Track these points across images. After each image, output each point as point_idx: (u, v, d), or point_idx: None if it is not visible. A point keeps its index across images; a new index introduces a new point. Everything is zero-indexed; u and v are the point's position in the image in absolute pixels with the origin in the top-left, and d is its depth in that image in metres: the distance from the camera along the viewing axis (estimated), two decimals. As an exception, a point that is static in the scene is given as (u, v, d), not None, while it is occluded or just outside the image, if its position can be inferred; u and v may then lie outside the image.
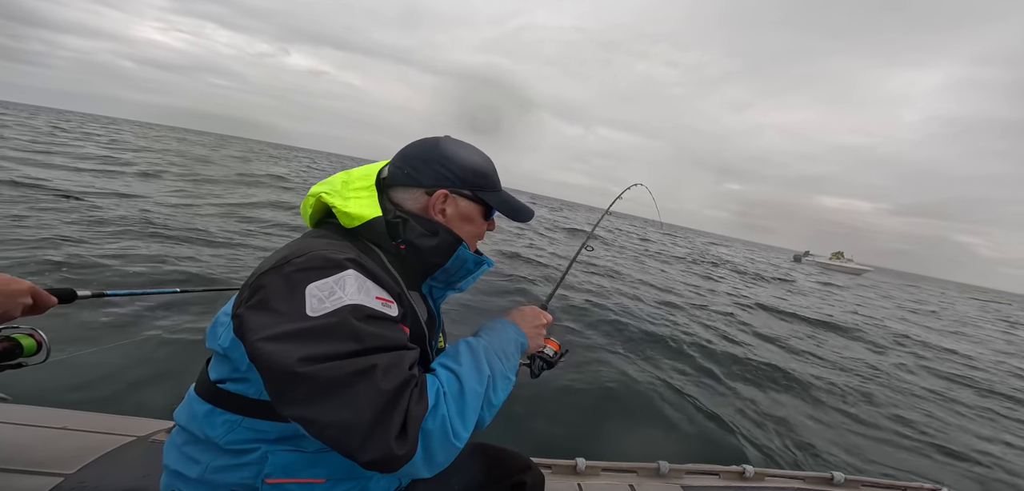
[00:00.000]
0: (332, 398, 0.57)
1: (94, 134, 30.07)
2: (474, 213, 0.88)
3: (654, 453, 1.90)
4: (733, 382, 4.41)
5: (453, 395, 0.66)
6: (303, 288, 0.62)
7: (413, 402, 0.61)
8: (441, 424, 0.62)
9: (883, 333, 9.27)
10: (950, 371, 6.95)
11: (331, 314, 0.60)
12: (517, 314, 0.97)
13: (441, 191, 0.84)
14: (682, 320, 6.63)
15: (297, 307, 0.61)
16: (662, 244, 24.15)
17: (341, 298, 0.62)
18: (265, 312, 0.62)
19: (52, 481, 1.18)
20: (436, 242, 0.83)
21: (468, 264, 0.89)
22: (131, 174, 12.40)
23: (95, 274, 4.49)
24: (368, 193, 0.82)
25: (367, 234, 0.80)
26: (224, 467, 0.69)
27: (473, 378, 0.70)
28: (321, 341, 0.59)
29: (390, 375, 0.60)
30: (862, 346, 7.78)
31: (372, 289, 0.67)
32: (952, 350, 8.91)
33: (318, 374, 0.57)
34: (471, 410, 0.67)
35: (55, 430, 1.44)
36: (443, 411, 0.63)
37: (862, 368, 6.14)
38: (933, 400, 5.32)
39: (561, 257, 10.87)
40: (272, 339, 0.59)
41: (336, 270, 0.65)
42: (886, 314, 13.26)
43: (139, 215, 7.14)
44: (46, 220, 6.03)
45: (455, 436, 0.63)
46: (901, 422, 4.37)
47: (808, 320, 9.16)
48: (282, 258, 0.67)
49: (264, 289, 0.63)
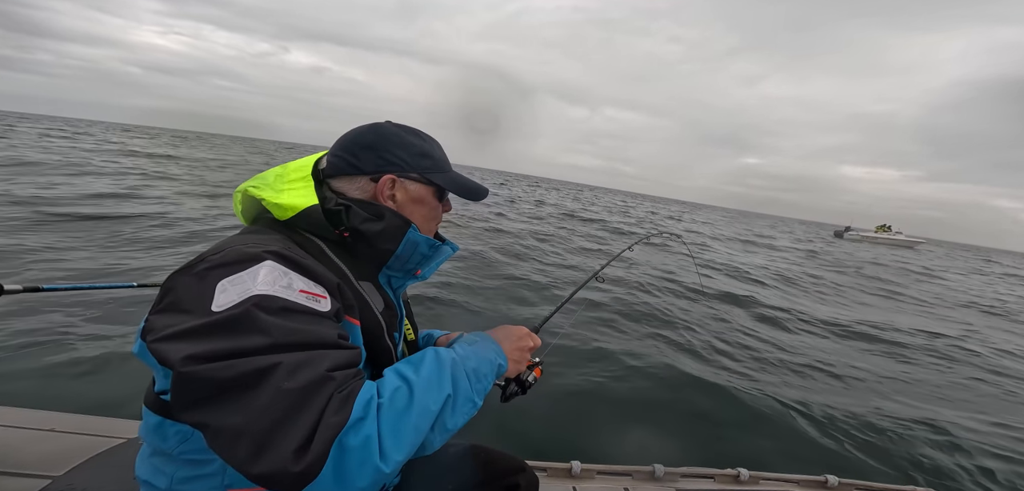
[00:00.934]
0: (225, 401, 0.51)
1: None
2: (425, 195, 0.86)
3: (649, 456, 1.89)
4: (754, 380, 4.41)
5: (394, 410, 0.57)
6: (214, 284, 0.57)
7: (331, 410, 0.52)
8: (364, 442, 0.52)
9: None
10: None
11: (234, 307, 0.54)
12: (502, 332, 0.90)
13: (387, 177, 0.81)
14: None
15: (202, 304, 0.55)
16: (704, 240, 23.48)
17: (248, 289, 0.56)
18: (167, 313, 0.57)
19: (40, 483, 1.17)
20: (382, 227, 0.79)
21: (421, 247, 0.85)
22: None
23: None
24: (304, 183, 0.78)
25: (304, 224, 0.75)
26: (187, 478, 0.65)
27: (428, 394, 0.62)
28: (217, 337, 0.53)
29: (297, 375, 0.52)
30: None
31: (296, 281, 0.61)
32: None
33: (204, 374, 0.50)
34: (413, 430, 0.58)
35: (43, 432, 1.42)
36: (370, 428, 0.53)
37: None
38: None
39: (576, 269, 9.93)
40: (165, 338, 0.54)
41: (251, 263, 0.59)
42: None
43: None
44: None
45: (383, 458, 0.53)
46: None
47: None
48: (198, 258, 0.62)
49: (172, 291, 0.59)
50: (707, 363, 4.33)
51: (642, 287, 5.77)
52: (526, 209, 18.78)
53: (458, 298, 5.39)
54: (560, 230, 13.78)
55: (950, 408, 4.16)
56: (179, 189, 10.78)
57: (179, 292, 0.58)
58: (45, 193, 7.93)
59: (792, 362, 4.72)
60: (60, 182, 9.35)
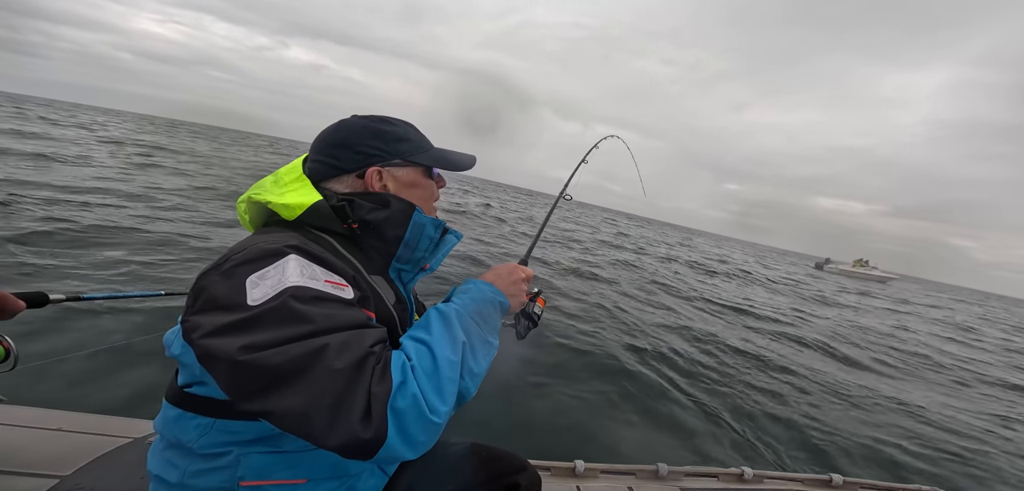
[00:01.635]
0: (284, 385, 0.54)
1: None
2: (416, 177, 0.86)
3: (653, 455, 1.89)
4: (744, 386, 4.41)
5: (424, 369, 0.62)
6: (242, 280, 0.59)
7: (375, 381, 0.57)
8: (412, 401, 0.57)
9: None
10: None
11: (271, 299, 0.57)
12: (491, 273, 0.91)
13: (372, 169, 0.81)
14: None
15: (237, 299, 0.58)
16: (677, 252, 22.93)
17: (281, 282, 0.59)
18: (206, 311, 0.59)
19: (48, 483, 1.18)
20: (388, 213, 0.80)
21: (428, 229, 0.85)
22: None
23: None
24: (300, 182, 0.79)
25: (313, 221, 0.77)
26: (200, 471, 0.67)
27: (446, 347, 0.66)
28: (263, 328, 0.56)
29: (344, 354, 0.56)
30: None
31: (319, 273, 0.64)
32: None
33: (262, 361, 0.54)
34: (448, 381, 0.63)
35: (51, 432, 1.43)
36: (413, 388, 0.58)
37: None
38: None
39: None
40: (212, 334, 0.57)
41: (276, 258, 0.62)
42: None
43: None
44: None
45: (433, 411, 0.59)
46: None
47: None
48: (223, 257, 0.65)
49: (205, 290, 0.61)
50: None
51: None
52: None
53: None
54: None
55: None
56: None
57: (212, 291, 0.60)
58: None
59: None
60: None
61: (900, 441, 3.98)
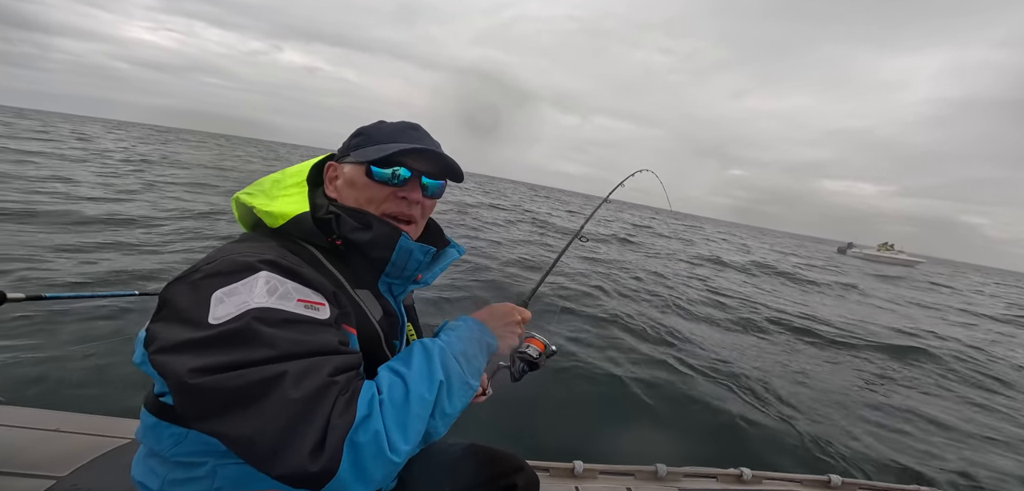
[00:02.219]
0: (234, 410, 0.52)
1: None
2: (355, 176, 0.79)
3: (652, 456, 1.89)
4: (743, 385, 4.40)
5: (394, 403, 0.60)
6: (208, 295, 0.57)
7: (337, 413, 0.54)
8: (373, 437, 0.55)
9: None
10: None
11: (234, 319, 0.55)
12: (486, 312, 0.90)
13: (330, 163, 0.82)
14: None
15: (199, 315, 0.56)
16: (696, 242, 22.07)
17: (247, 302, 0.57)
18: (167, 323, 0.58)
19: (45, 483, 1.17)
20: (371, 236, 0.76)
21: (416, 254, 0.80)
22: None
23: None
24: (298, 189, 0.78)
25: (296, 231, 0.74)
26: (178, 481, 0.66)
27: (422, 384, 0.64)
28: (220, 350, 0.54)
29: (302, 383, 0.54)
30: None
31: (292, 291, 0.61)
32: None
33: (212, 386, 0.52)
34: (416, 419, 0.61)
35: (48, 432, 1.43)
36: (377, 424, 0.56)
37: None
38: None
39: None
40: (166, 350, 0.55)
41: (246, 273, 0.59)
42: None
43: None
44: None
45: (393, 450, 0.56)
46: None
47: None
48: (193, 266, 0.62)
49: (169, 300, 0.59)
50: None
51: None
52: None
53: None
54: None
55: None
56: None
57: (176, 302, 0.59)
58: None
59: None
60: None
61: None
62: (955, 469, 3.37)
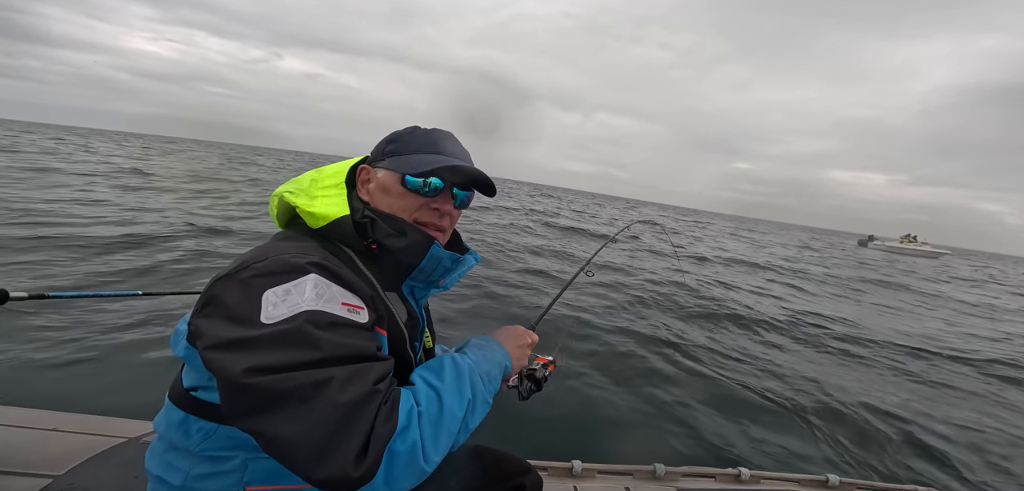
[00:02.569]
0: (281, 411, 0.53)
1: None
2: (389, 183, 0.80)
3: (650, 456, 1.89)
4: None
5: (430, 417, 0.62)
6: (259, 294, 0.58)
7: (380, 421, 0.56)
8: (411, 448, 0.57)
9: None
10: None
11: (286, 320, 0.56)
12: (502, 333, 0.94)
13: (363, 166, 0.83)
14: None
15: (251, 314, 0.57)
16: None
17: (298, 304, 0.58)
18: (217, 320, 0.58)
19: (41, 482, 1.17)
20: (406, 243, 0.78)
21: (444, 262, 0.84)
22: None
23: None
24: (337, 191, 0.79)
25: (335, 234, 0.77)
26: (205, 475, 0.66)
27: (454, 400, 0.66)
28: (273, 350, 0.55)
29: (349, 388, 0.55)
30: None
31: (337, 294, 0.63)
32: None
33: (265, 386, 0.53)
34: (446, 434, 0.63)
35: (45, 431, 1.42)
36: (415, 435, 0.58)
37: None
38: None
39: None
40: (221, 347, 0.56)
41: (296, 275, 0.61)
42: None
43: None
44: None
45: (426, 461, 0.59)
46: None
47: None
48: (241, 263, 0.63)
49: (218, 297, 0.60)
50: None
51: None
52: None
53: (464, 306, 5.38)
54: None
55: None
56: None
57: (225, 299, 0.60)
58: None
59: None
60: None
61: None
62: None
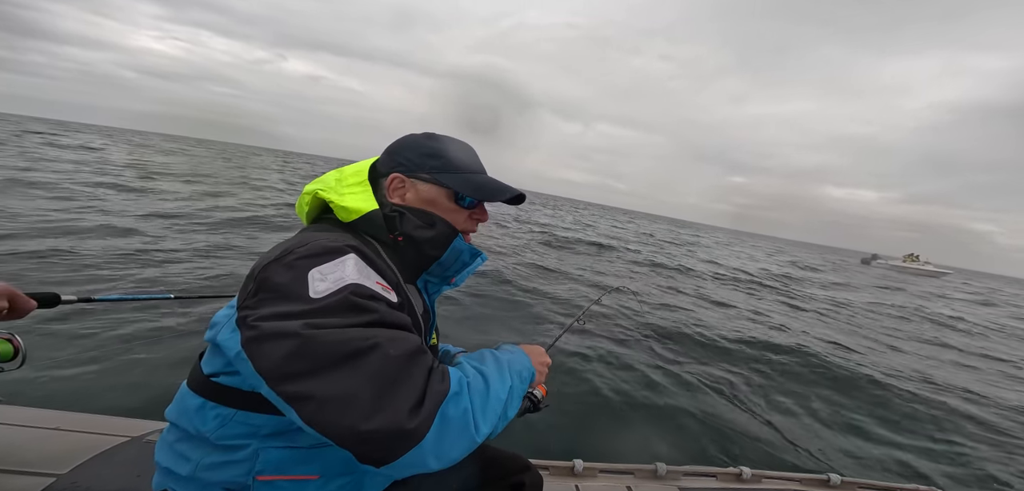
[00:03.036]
0: (336, 368, 0.56)
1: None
2: (436, 196, 0.86)
3: (652, 454, 1.89)
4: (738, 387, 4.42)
5: (479, 391, 0.66)
6: (305, 273, 0.62)
7: (436, 379, 0.60)
8: (463, 414, 0.60)
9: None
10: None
11: (333, 293, 0.60)
12: (527, 348, 0.96)
13: (394, 175, 0.85)
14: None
15: (300, 290, 0.60)
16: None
17: (342, 278, 0.62)
18: (269, 301, 0.61)
19: (44, 481, 1.17)
20: (433, 234, 0.84)
21: (463, 255, 0.89)
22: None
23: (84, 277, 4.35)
24: (362, 188, 0.84)
25: (365, 227, 0.82)
26: (215, 464, 0.67)
27: (498, 384, 0.71)
28: (325, 317, 0.58)
29: (398, 345, 0.59)
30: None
31: (372, 275, 0.67)
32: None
33: (322, 339, 0.56)
34: (493, 411, 0.67)
35: (48, 430, 1.43)
36: (466, 402, 0.62)
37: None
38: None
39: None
40: (275, 317, 0.59)
41: (337, 254, 0.66)
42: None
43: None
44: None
45: (476, 430, 0.62)
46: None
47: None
48: (284, 249, 0.67)
49: (267, 280, 0.63)
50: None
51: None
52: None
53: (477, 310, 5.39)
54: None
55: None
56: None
57: (275, 280, 0.63)
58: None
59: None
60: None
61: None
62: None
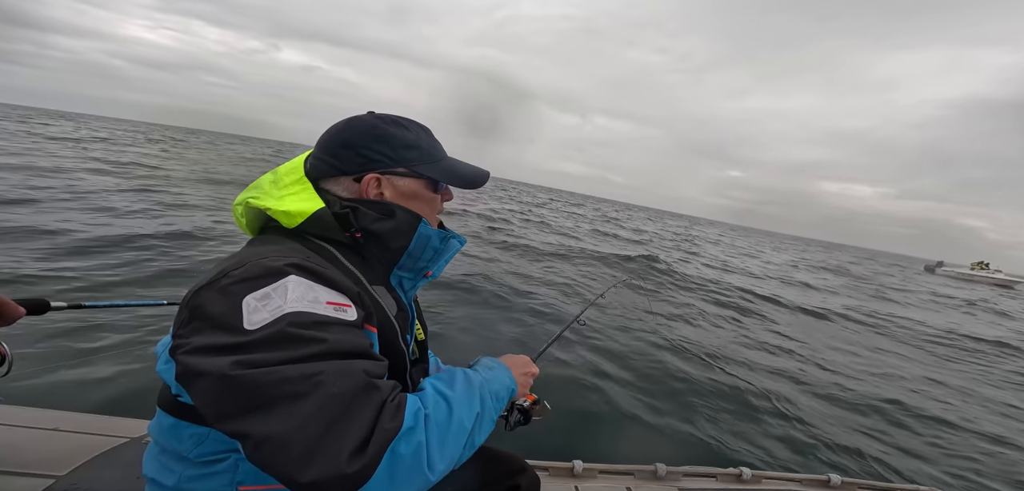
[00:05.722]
0: (270, 408, 0.51)
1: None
2: (418, 189, 0.81)
3: (652, 455, 1.89)
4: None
5: (438, 423, 0.60)
6: (239, 301, 0.56)
7: (386, 418, 0.54)
8: (416, 450, 0.55)
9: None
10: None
11: (269, 325, 0.55)
12: (511, 359, 0.93)
13: (370, 176, 0.77)
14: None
15: (233, 321, 0.55)
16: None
17: (280, 307, 0.56)
18: (199, 331, 0.56)
19: (44, 483, 1.17)
20: (394, 224, 0.77)
21: (433, 241, 0.82)
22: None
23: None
24: (301, 186, 0.76)
25: (314, 229, 0.73)
26: (197, 476, 0.66)
27: (464, 411, 0.65)
28: (259, 351, 0.53)
29: (342, 381, 0.54)
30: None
31: (322, 293, 0.61)
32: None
33: (252, 379, 0.51)
34: (454, 445, 0.62)
35: (47, 431, 1.43)
36: (420, 437, 0.56)
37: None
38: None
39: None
40: (202, 351, 0.54)
41: (276, 278, 0.59)
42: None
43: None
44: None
45: (431, 469, 0.56)
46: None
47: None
48: (220, 272, 0.61)
49: (199, 307, 0.58)
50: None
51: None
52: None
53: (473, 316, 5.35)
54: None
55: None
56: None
57: (207, 308, 0.57)
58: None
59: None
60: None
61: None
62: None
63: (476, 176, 0.87)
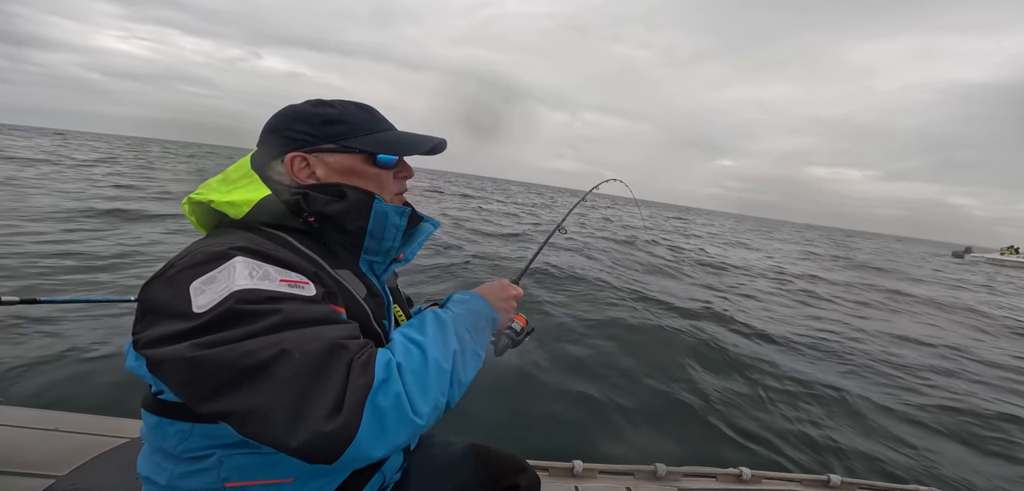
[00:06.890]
0: (240, 384, 0.51)
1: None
2: (353, 165, 0.77)
3: (651, 455, 1.89)
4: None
5: (412, 369, 0.60)
6: (186, 286, 0.56)
7: (355, 375, 0.54)
8: (396, 399, 0.55)
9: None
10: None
11: (218, 305, 0.54)
12: (485, 288, 0.92)
13: (292, 154, 0.74)
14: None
15: (182, 307, 0.55)
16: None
17: (227, 287, 0.56)
18: (153, 323, 0.56)
19: (43, 483, 1.17)
20: (346, 204, 0.74)
21: (392, 218, 0.79)
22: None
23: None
24: (249, 178, 0.75)
25: (264, 218, 0.72)
26: (185, 474, 0.66)
27: (439, 352, 0.65)
28: (213, 332, 0.53)
29: (306, 346, 0.53)
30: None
31: (273, 273, 0.60)
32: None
33: (217, 358, 0.51)
34: (435, 386, 0.62)
35: (47, 431, 1.43)
36: (397, 387, 0.56)
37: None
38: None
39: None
40: (161, 342, 0.54)
41: (221, 261, 0.59)
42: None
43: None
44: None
45: (415, 412, 0.57)
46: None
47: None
48: (166, 265, 0.62)
49: (149, 300, 0.58)
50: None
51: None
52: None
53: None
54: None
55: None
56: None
57: (156, 299, 0.58)
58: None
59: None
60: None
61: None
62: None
63: (418, 143, 0.81)
